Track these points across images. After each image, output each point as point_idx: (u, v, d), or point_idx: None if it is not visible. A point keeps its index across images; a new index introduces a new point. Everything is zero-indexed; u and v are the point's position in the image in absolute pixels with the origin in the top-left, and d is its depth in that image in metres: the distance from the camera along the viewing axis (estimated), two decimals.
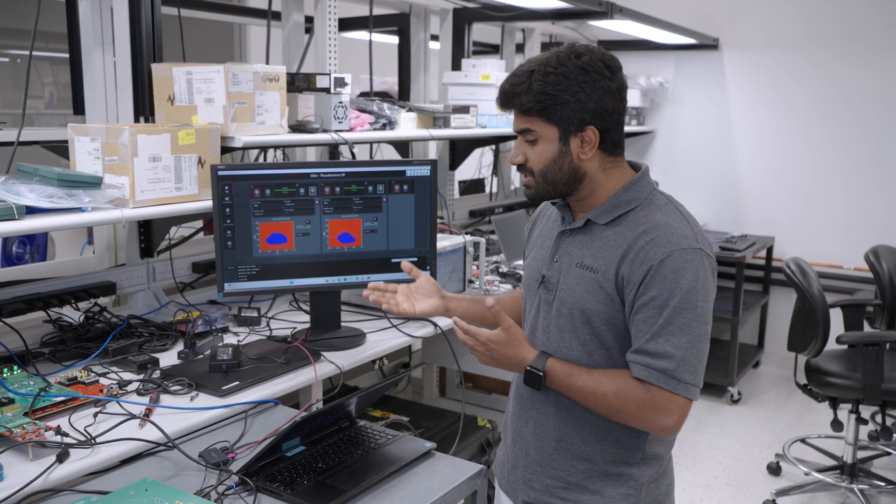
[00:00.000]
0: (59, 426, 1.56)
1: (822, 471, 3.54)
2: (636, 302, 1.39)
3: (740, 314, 4.52)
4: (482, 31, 4.35)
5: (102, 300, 2.35)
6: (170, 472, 1.53)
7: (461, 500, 1.58)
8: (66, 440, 1.53)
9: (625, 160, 1.51)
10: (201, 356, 2.07)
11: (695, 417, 4.23)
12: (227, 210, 2.06)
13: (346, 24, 3.20)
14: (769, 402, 4.58)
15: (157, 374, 1.92)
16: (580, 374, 1.43)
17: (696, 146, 5.27)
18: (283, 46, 3.00)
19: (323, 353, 2.09)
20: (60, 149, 2.34)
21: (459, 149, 3.83)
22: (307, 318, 2.35)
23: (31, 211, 1.72)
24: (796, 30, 4.83)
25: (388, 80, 3.90)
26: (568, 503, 1.52)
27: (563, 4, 3.39)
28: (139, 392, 1.82)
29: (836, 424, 3.32)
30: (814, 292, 3.28)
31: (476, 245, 2.85)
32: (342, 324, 2.30)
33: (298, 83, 2.51)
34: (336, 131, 2.49)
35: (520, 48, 4.55)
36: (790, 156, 4.94)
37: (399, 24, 3.72)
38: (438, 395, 3.74)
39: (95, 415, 1.66)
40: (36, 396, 1.67)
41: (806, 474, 3.54)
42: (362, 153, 3.06)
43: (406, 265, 1.81)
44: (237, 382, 1.86)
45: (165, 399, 1.79)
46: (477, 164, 4.57)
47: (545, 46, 4.52)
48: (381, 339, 2.27)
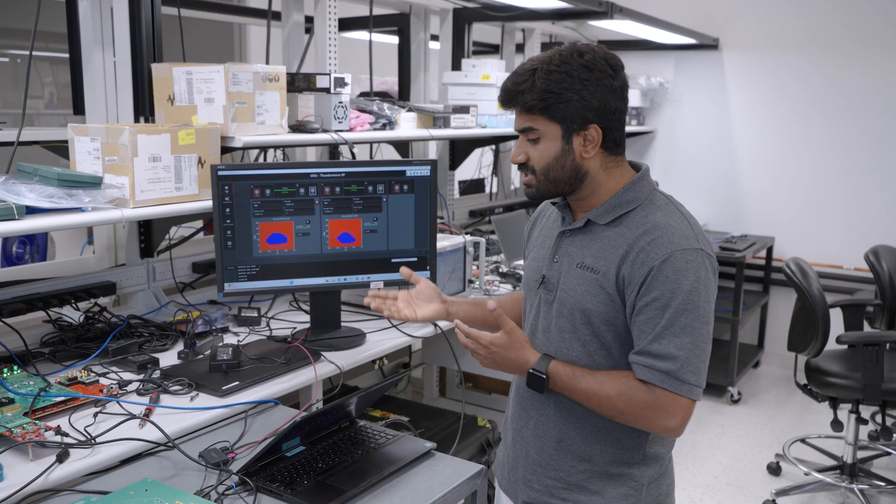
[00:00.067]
0: (59, 426, 1.56)
1: (822, 471, 3.54)
2: (637, 303, 1.39)
3: (740, 314, 4.52)
4: (482, 31, 4.35)
5: (102, 300, 2.35)
6: (170, 472, 1.53)
7: (461, 500, 1.58)
8: (66, 440, 1.53)
9: (625, 160, 1.51)
10: (201, 356, 2.07)
11: (695, 417, 4.20)
12: (227, 210, 2.06)
13: (346, 24, 3.20)
14: (769, 402, 4.58)
15: (157, 374, 1.92)
16: (583, 377, 1.43)
17: (696, 146, 5.27)
18: (283, 46, 3.00)
19: (323, 353, 2.09)
20: (60, 149, 2.34)
21: (459, 149, 3.83)
22: (307, 318, 2.35)
23: (31, 211, 1.72)
24: (796, 30, 4.83)
25: (388, 80, 3.90)
26: (568, 503, 1.52)
27: (563, 4, 3.39)
28: (139, 392, 1.82)
29: (836, 424, 3.32)
30: (814, 292, 3.28)
31: (476, 245, 2.85)
32: (342, 324, 2.30)
33: (298, 83, 2.51)
34: (336, 131, 2.49)
35: (520, 48, 4.54)
36: (790, 156, 4.94)
37: (399, 24, 3.72)
38: (438, 395, 3.74)
39: (95, 415, 1.66)
40: (36, 396, 1.67)
41: (806, 474, 3.54)
42: (362, 153, 3.06)
43: (405, 271, 1.80)
44: (237, 382, 1.86)
45: (165, 399, 1.79)
46: (477, 164, 4.57)
47: (545, 46, 4.51)
48: (381, 339, 2.27)
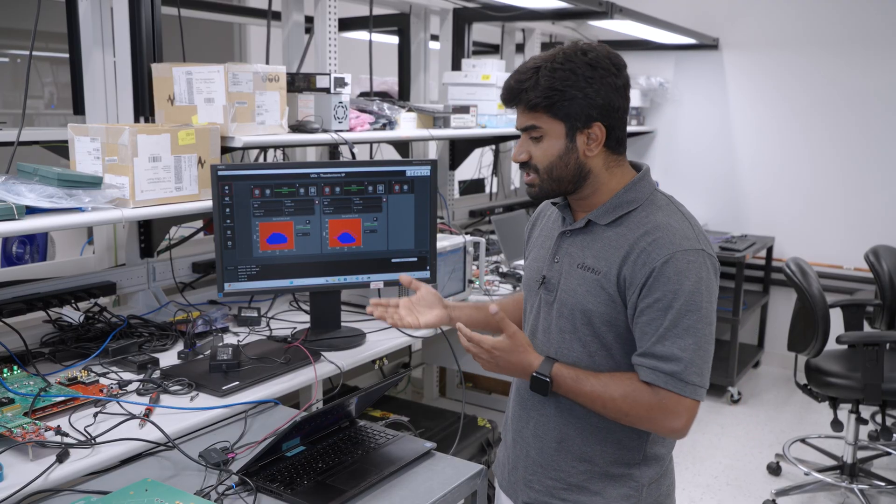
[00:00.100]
0: (59, 426, 1.56)
1: (822, 471, 3.54)
2: (639, 304, 1.39)
3: (740, 314, 4.51)
4: (482, 31, 4.35)
5: (102, 300, 2.35)
6: (170, 472, 1.53)
7: (461, 500, 1.58)
8: (66, 440, 1.53)
9: (626, 160, 1.51)
10: (201, 356, 2.07)
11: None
12: (227, 210, 2.06)
13: (346, 24, 3.20)
14: (769, 402, 4.58)
15: (157, 374, 1.92)
16: (587, 379, 1.42)
17: (696, 146, 5.27)
18: (283, 46, 2.99)
19: (323, 353, 2.09)
20: (60, 149, 2.33)
21: (459, 149, 3.83)
22: (307, 318, 2.35)
23: (31, 211, 1.72)
24: (796, 30, 4.83)
25: (388, 80, 3.90)
26: (569, 503, 1.52)
27: (563, 4, 3.39)
28: (139, 392, 1.82)
29: (836, 424, 3.32)
30: (814, 292, 3.28)
31: (476, 245, 2.85)
32: (342, 324, 2.30)
33: (298, 83, 2.51)
34: (336, 131, 2.49)
35: (520, 48, 4.54)
36: (790, 156, 4.94)
37: (399, 24, 3.72)
38: (438, 395, 3.74)
39: (95, 415, 1.66)
40: (36, 396, 1.67)
41: (806, 474, 3.54)
42: (362, 153, 3.06)
43: (405, 279, 1.79)
44: (237, 382, 1.86)
45: (165, 399, 1.79)
46: (477, 164, 4.57)
47: (545, 46, 4.51)
48: (381, 339, 2.27)
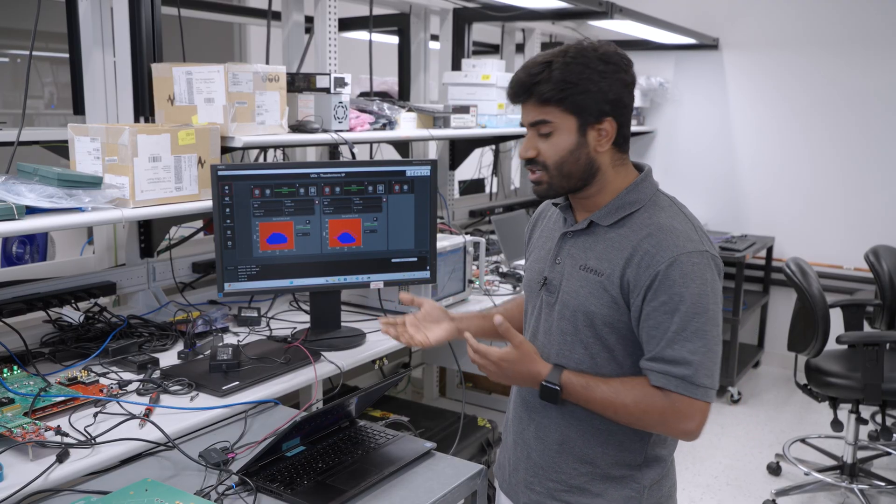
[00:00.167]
0: (59, 426, 1.56)
1: (822, 471, 3.54)
2: (644, 308, 1.38)
3: (740, 314, 4.52)
4: (482, 31, 4.34)
5: (102, 300, 2.35)
6: (170, 472, 1.53)
7: (461, 500, 1.58)
8: (66, 440, 1.53)
9: (630, 159, 1.50)
10: (201, 356, 2.07)
11: None
12: (227, 210, 2.06)
13: (346, 24, 3.20)
14: (769, 402, 4.58)
15: (157, 374, 1.92)
16: (598, 386, 1.41)
17: (696, 146, 5.27)
18: (283, 46, 2.99)
19: (323, 353, 2.09)
20: (60, 149, 2.33)
21: (459, 149, 3.83)
22: (307, 318, 2.35)
23: (31, 211, 1.72)
24: (796, 30, 4.83)
25: (388, 80, 3.90)
26: None
27: (563, 4, 3.39)
28: (139, 392, 1.82)
29: (836, 424, 3.32)
30: (814, 292, 3.28)
31: (476, 245, 2.85)
32: (342, 324, 2.30)
33: (298, 83, 2.51)
34: (336, 131, 2.49)
35: (520, 48, 4.54)
36: (790, 156, 4.94)
37: (399, 24, 3.72)
38: (438, 395, 3.74)
39: (95, 415, 1.66)
40: (36, 396, 1.67)
41: (806, 474, 3.54)
42: (362, 153, 3.06)
43: (405, 297, 1.77)
44: (237, 382, 1.86)
45: (165, 399, 1.79)
46: (477, 164, 4.57)
47: (545, 46, 4.51)
48: (381, 339, 2.26)
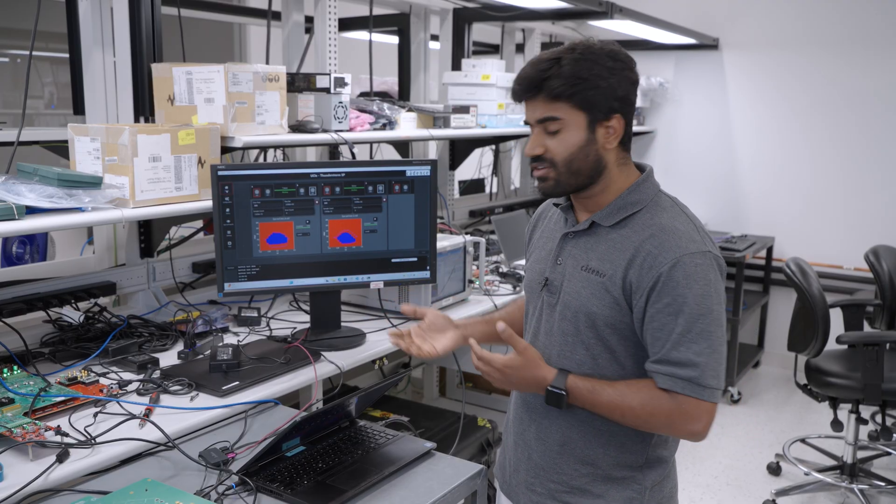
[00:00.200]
0: (59, 426, 1.56)
1: (822, 471, 3.54)
2: (648, 310, 1.37)
3: (740, 314, 4.52)
4: (482, 31, 4.35)
5: (102, 300, 2.35)
6: (170, 472, 1.53)
7: (461, 500, 1.58)
8: (66, 440, 1.53)
9: (631, 159, 1.50)
10: (201, 356, 2.07)
11: None
12: (227, 210, 2.06)
13: (346, 24, 3.20)
14: (769, 402, 4.58)
15: (157, 374, 1.92)
16: (603, 389, 1.40)
17: (696, 146, 5.27)
18: (283, 46, 2.99)
19: (323, 353, 2.09)
20: (60, 149, 2.34)
21: (459, 149, 3.83)
22: (307, 318, 2.35)
23: (31, 211, 1.72)
24: (796, 30, 4.83)
25: (388, 80, 3.90)
26: None
27: (563, 4, 3.39)
28: (139, 392, 1.82)
29: (836, 424, 3.32)
30: (814, 292, 3.28)
31: (476, 245, 2.85)
32: (342, 324, 2.30)
33: (298, 83, 2.51)
34: (336, 131, 2.49)
35: (520, 48, 4.54)
36: (790, 156, 4.94)
37: (399, 24, 3.72)
38: (438, 395, 3.74)
39: (95, 415, 1.66)
40: (36, 396, 1.67)
41: (806, 474, 3.54)
42: (362, 153, 3.06)
43: (407, 308, 1.75)
44: (237, 382, 1.86)
45: (165, 399, 1.79)
46: (477, 164, 4.57)
47: (545, 46, 4.51)
48: (381, 339, 2.27)
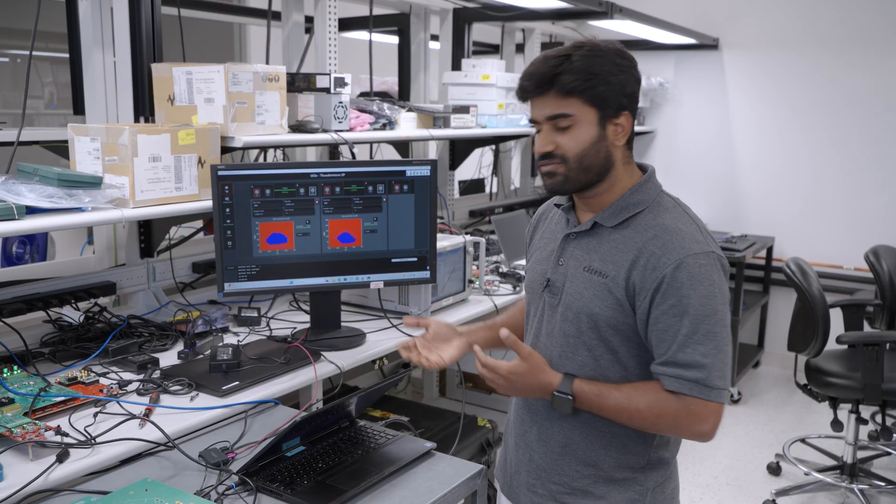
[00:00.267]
0: (59, 426, 1.56)
1: (822, 471, 3.54)
2: (653, 311, 1.37)
3: (740, 314, 4.52)
4: (482, 31, 4.35)
5: (102, 300, 2.35)
6: (170, 472, 1.53)
7: (461, 500, 1.58)
8: (66, 440, 1.53)
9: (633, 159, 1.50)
10: (201, 356, 2.07)
11: None
12: (227, 210, 2.06)
13: (346, 24, 3.20)
14: (769, 402, 4.58)
15: (157, 374, 1.92)
16: (610, 393, 1.40)
17: (696, 146, 5.27)
18: (283, 46, 2.99)
19: (323, 353, 2.09)
20: (60, 149, 2.34)
21: (459, 149, 3.83)
22: (307, 318, 2.35)
23: (31, 211, 1.72)
24: (796, 30, 4.83)
25: (388, 80, 3.90)
26: None
27: (563, 4, 3.39)
28: (139, 392, 1.82)
29: (836, 424, 3.32)
30: (814, 292, 3.28)
31: (476, 245, 2.85)
32: (342, 324, 2.30)
33: (298, 83, 2.51)
34: (336, 131, 2.49)
35: (520, 48, 4.54)
36: (790, 156, 4.94)
37: (399, 24, 3.72)
38: (438, 395, 3.74)
39: (95, 415, 1.66)
40: (36, 396, 1.67)
41: (806, 474, 3.54)
42: (362, 153, 3.06)
43: (410, 321, 1.74)
44: (237, 382, 1.86)
45: (165, 399, 1.79)
46: (477, 164, 4.57)
47: (545, 46, 4.51)
48: (381, 339, 2.27)
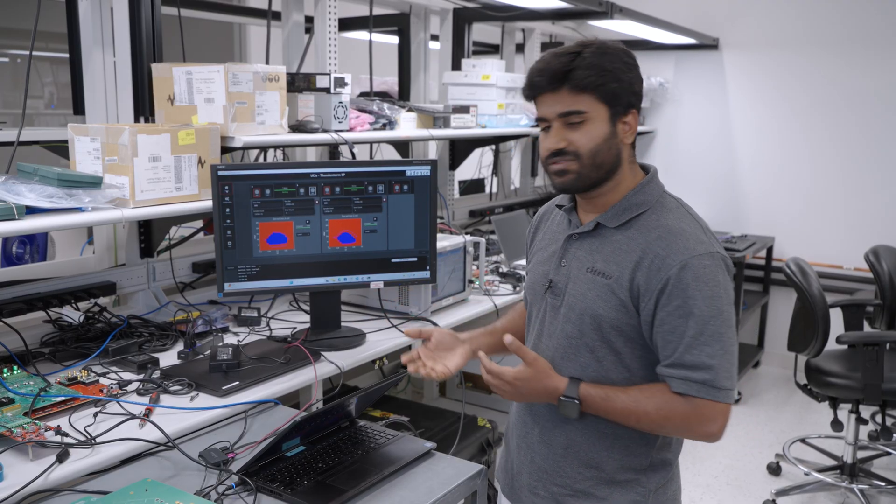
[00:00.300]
0: (59, 426, 1.56)
1: (822, 471, 3.54)
2: (658, 313, 1.36)
3: (740, 314, 4.52)
4: (482, 31, 4.35)
5: (102, 300, 2.35)
6: (170, 472, 1.53)
7: (461, 500, 1.58)
8: (66, 440, 1.53)
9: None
10: (201, 356, 2.07)
11: None
12: (227, 210, 2.06)
13: (346, 24, 3.20)
14: (769, 402, 4.58)
15: (157, 374, 1.92)
16: (616, 396, 1.40)
17: (696, 146, 5.27)
18: (283, 46, 2.99)
19: (323, 353, 2.09)
20: (60, 149, 2.34)
21: (459, 149, 3.83)
22: (307, 318, 2.35)
23: (31, 211, 1.72)
24: (796, 30, 4.83)
25: (388, 80, 3.90)
26: None
27: (563, 4, 3.39)
28: (139, 392, 1.82)
29: (836, 424, 3.32)
30: (814, 292, 3.28)
31: (476, 245, 2.85)
32: (342, 324, 2.30)
33: (298, 83, 2.51)
34: (336, 131, 2.49)
35: (520, 48, 4.54)
36: (790, 156, 4.94)
37: (399, 24, 3.72)
38: (438, 395, 3.74)
39: (95, 415, 1.66)
40: (36, 396, 1.67)
41: (806, 474, 3.54)
42: (362, 153, 3.06)
43: (411, 331, 1.73)
44: (237, 382, 1.86)
45: (165, 399, 1.79)
46: (477, 164, 4.57)
47: (545, 46, 4.51)
48: (381, 339, 2.27)
